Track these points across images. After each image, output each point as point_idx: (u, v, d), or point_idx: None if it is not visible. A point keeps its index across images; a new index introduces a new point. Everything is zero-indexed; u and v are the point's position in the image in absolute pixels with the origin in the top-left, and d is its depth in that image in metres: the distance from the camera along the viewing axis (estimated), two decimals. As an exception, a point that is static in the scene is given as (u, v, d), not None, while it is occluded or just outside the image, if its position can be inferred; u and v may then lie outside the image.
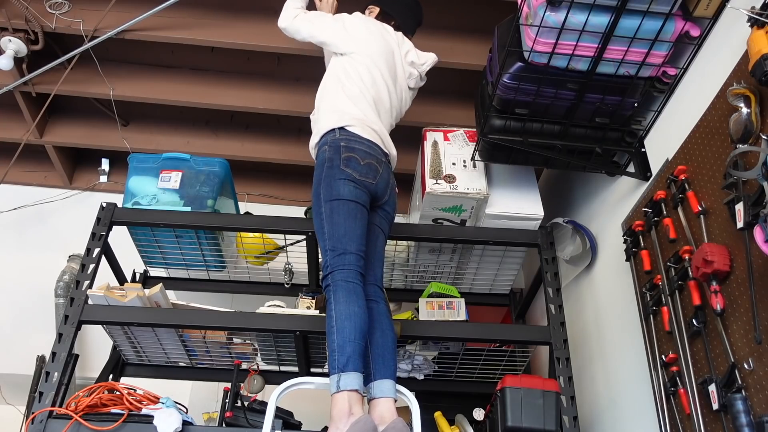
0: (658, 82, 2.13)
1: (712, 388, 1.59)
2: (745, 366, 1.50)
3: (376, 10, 2.56)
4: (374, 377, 1.90)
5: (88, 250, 2.42)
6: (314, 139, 2.26)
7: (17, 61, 2.87)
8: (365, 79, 2.28)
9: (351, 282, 1.92)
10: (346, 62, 2.32)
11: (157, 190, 2.68)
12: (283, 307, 2.53)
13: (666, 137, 2.13)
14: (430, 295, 2.73)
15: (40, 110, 3.17)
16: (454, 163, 2.66)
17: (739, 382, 1.51)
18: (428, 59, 2.52)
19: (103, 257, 2.49)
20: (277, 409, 1.95)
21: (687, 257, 1.80)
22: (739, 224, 1.53)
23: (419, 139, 2.78)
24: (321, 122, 2.23)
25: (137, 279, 2.99)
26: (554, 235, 2.60)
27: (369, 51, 2.33)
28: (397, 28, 2.51)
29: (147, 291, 2.37)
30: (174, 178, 2.69)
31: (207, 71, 3.19)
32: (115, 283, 2.58)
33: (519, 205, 2.65)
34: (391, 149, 2.28)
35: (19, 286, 3.65)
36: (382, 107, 2.32)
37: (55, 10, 2.78)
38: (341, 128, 2.16)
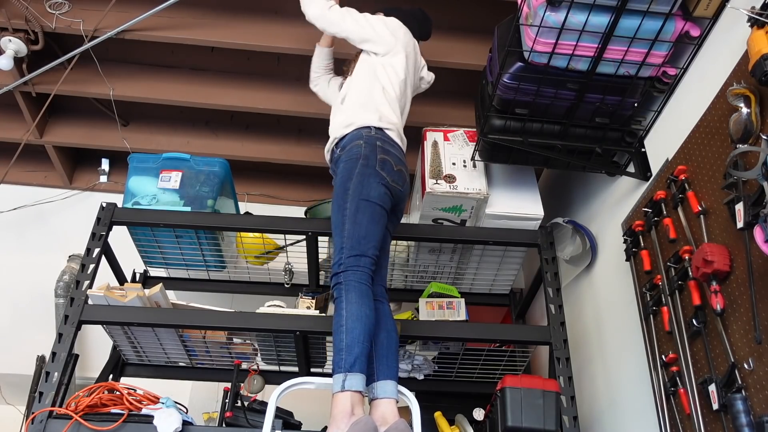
0: (658, 82, 2.13)
1: (712, 388, 1.59)
2: (745, 366, 1.50)
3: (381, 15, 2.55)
4: (377, 377, 1.89)
5: (88, 250, 2.42)
6: (343, 130, 2.19)
7: (17, 61, 2.87)
8: (400, 85, 2.30)
9: (364, 284, 1.90)
10: (385, 62, 2.31)
11: (157, 190, 2.68)
12: (283, 307, 2.53)
13: (666, 137, 2.13)
14: (430, 295, 2.73)
15: (40, 110, 3.17)
16: (454, 163, 2.66)
17: (739, 382, 1.51)
18: (432, 78, 2.59)
19: (103, 257, 2.49)
20: (277, 409, 1.95)
21: (687, 257, 1.80)
22: (739, 224, 1.54)
23: (419, 139, 2.78)
24: (356, 115, 2.19)
25: (137, 279, 2.99)
26: (554, 235, 2.60)
27: (403, 57, 2.34)
28: None
29: (147, 291, 2.37)
30: (174, 178, 2.69)
31: (207, 71, 3.19)
32: (115, 283, 2.58)
33: (519, 205, 2.66)
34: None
35: (19, 286, 3.65)
36: (404, 114, 2.36)
37: (55, 10, 2.78)
38: (378, 128, 2.15)
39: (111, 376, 2.71)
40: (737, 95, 1.62)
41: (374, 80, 2.28)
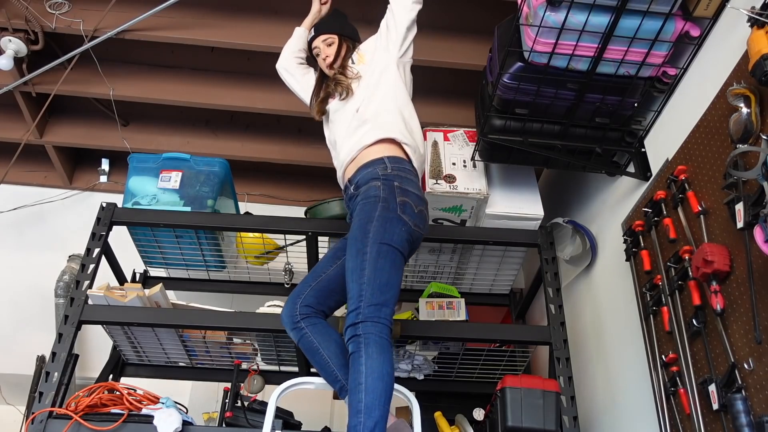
0: (658, 82, 2.13)
1: (712, 388, 1.59)
2: (745, 366, 1.50)
3: (335, 38, 2.33)
4: None
5: (88, 250, 2.42)
6: (355, 163, 2.07)
7: (17, 61, 2.87)
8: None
9: (384, 338, 1.73)
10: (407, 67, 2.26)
11: (157, 190, 2.68)
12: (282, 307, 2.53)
13: (666, 137, 2.13)
14: (430, 295, 2.73)
15: (40, 110, 3.17)
16: (454, 163, 2.66)
17: (739, 382, 1.51)
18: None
19: (103, 257, 2.50)
20: (277, 409, 1.95)
21: (687, 257, 1.80)
22: (739, 224, 1.54)
23: (419, 139, 2.78)
24: (373, 145, 2.06)
25: (137, 279, 2.99)
26: (554, 235, 2.60)
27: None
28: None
29: (147, 291, 2.37)
30: (174, 178, 2.69)
31: (207, 71, 3.19)
32: (115, 283, 2.58)
33: (519, 205, 2.65)
34: None
35: (19, 286, 3.65)
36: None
37: (55, 10, 2.78)
38: (394, 158, 2.03)
39: (111, 376, 2.71)
40: (737, 95, 1.62)
41: (401, 93, 2.19)
